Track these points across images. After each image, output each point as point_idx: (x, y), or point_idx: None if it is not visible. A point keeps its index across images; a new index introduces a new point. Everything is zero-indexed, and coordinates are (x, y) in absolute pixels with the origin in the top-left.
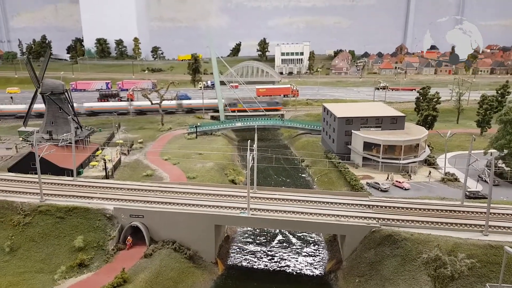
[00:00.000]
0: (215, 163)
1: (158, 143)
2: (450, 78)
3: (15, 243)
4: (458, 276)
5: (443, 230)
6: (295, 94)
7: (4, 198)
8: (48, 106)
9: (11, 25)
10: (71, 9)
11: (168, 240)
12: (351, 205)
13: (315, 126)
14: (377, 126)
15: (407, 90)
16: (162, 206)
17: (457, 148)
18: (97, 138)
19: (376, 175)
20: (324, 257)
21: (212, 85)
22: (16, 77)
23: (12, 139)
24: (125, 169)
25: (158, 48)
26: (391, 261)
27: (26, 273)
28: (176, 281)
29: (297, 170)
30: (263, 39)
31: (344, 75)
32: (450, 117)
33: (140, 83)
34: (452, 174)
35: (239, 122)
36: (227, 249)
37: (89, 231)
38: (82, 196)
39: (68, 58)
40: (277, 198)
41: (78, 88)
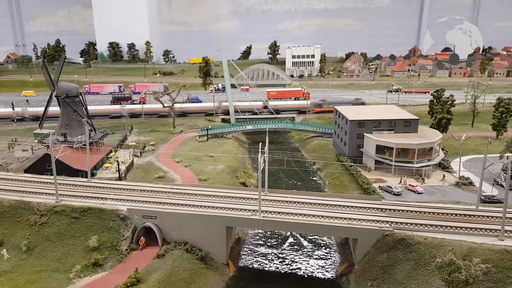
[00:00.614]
0: (226, 165)
1: (170, 145)
2: (465, 80)
3: (32, 242)
4: (472, 281)
5: (458, 235)
6: (306, 97)
7: (21, 198)
8: (62, 109)
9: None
10: (84, 14)
11: (180, 241)
12: (363, 208)
13: (326, 129)
14: (390, 129)
15: (420, 92)
16: (174, 207)
17: (472, 151)
18: (110, 140)
19: (388, 179)
20: (336, 260)
21: (223, 88)
22: (31, 80)
23: (28, 141)
24: (138, 171)
25: (169, 51)
26: (404, 265)
27: (42, 272)
28: (188, 281)
29: (308, 173)
30: (274, 42)
31: (356, 78)
32: (465, 120)
33: (152, 86)
34: (467, 178)
35: (250, 125)
36: (238, 251)
37: (103, 231)
38: (96, 197)
39: (82, 61)
40: (288, 201)
41: (91, 91)
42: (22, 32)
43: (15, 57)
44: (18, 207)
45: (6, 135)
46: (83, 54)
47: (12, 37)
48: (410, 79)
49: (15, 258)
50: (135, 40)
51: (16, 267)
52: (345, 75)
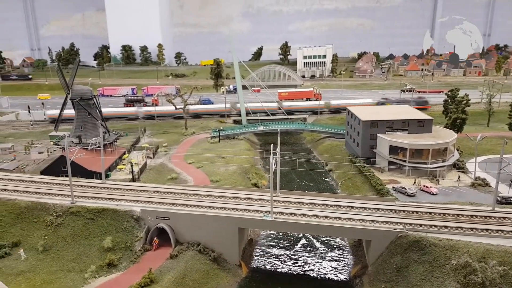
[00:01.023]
0: (238, 166)
1: (182, 147)
2: (480, 79)
3: (48, 242)
4: (489, 283)
5: (473, 236)
6: (317, 98)
7: (38, 199)
8: (77, 112)
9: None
10: (97, 17)
11: (193, 242)
12: (377, 209)
13: (338, 129)
14: (404, 129)
15: (434, 92)
16: (187, 208)
17: (488, 152)
18: (124, 142)
19: (402, 180)
20: (349, 262)
21: (234, 89)
22: (47, 83)
23: (43, 143)
24: (151, 172)
25: (181, 53)
26: (418, 267)
27: (58, 272)
28: (201, 282)
29: (321, 174)
30: (285, 43)
31: (368, 78)
32: (480, 120)
33: (164, 88)
34: (483, 179)
35: (261, 126)
36: (250, 252)
37: (117, 232)
38: (110, 198)
39: (95, 64)
40: (301, 202)
41: (105, 93)
42: (37, 36)
43: (31, 61)
44: (34, 208)
45: (23, 137)
46: (97, 57)
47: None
48: (423, 79)
49: (32, 258)
50: (148, 43)
51: (33, 267)
52: (357, 75)
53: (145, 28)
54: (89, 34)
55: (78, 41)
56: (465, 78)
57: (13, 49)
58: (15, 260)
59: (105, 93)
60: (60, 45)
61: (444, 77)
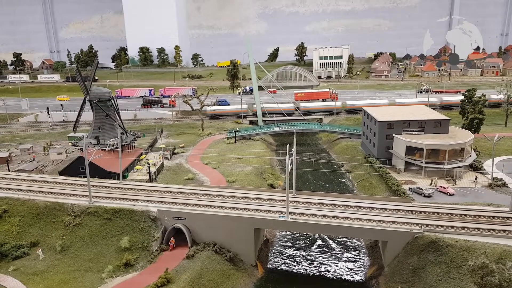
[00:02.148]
0: (254, 167)
1: (199, 147)
2: (497, 79)
3: (66, 242)
4: (506, 285)
5: (490, 237)
6: (334, 98)
7: (56, 200)
8: (95, 113)
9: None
10: (115, 20)
11: (209, 242)
12: (393, 210)
13: (354, 130)
14: (420, 130)
15: (451, 92)
16: (203, 208)
17: (506, 152)
18: (141, 143)
19: (419, 180)
20: (365, 263)
21: (251, 90)
22: (65, 85)
23: (62, 144)
24: (168, 173)
25: (198, 55)
26: (435, 268)
27: (76, 272)
28: (217, 282)
29: (337, 174)
30: (301, 44)
31: (384, 78)
32: (498, 120)
33: (181, 89)
34: (500, 180)
35: (277, 126)
36: (266, 253)
37: (134, 232)
38: (127, 198)
39: (113, 66)
40: (317, 203)
41: (123, 95)
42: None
43: (50, 63)
44: (53, 209)
45: (42, 138)
46: (115, 59)
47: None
48: (440, 79)
49: (50, 258)
50: (165, 45)
51: (51, 267)
52: (373, 76)
53: (163, 30)
54: (107, 36)
55: (96, 43)
56: (482, 78)
57: (33, 51)
58: (34, 260)
59: (123, 94)
60: (79, 47)
61: (461, 77)
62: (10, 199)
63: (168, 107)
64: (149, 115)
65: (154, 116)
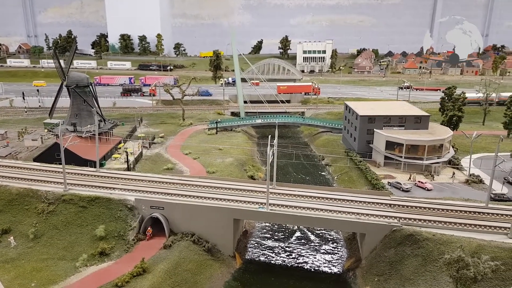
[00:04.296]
0: (235, 158)
1: (179, 137)
2: (476, 78)
3: (39, 230)
4: (481, 278)
5: (467, 232)
6: (316, 92)
7: (29, 186)
8: (73, 99)
9: (38, 20)
10: (96, 5)
11: (188, 232)
12: (372, 203)
13: (336, 124)
14: (400, 125)
15: (431, 90)
16: (182, 198)
17: (483, 149)
18: (120, 131)
19: (398, 175)
20: (343, 255)
21: (233, 82)
22: (43, 70)
23: (38, 131)
24: (147, 162)
25: (180, 44)
26: (411, 261)
27: (49, 260)
28: (194, 272)
29: (317, 168)
30: (285, 37)
31: (367, 74)
32: (476, 119)
33: (163, 78)
34: (477, 176)
35: (259, 118)
36: (245, 244)
37: (110, 221)
38: (104, 186)
39: (93, 53)
40: (296, 195)
41: (102, 82)
42: (34, 23)
43: (27, 48)
44: (26, 195)
45: (16, 124)
46: (94, 45)
47: (24, 27)
48: (421, 77)
49: (22, 246)
50: (147, 33)
51: (23, 255)
52: (356, 71)
53: (145, 18)
54: (87, 22)
55: (76, 29)
56: (462, 77)
57: (9, 35)
58: (5, 247)
59: (102, 81)
60: (57, 32)
61: (441, 76)
62: None
63: (148, 96)
64: (128, 103)
65: (134, 105)
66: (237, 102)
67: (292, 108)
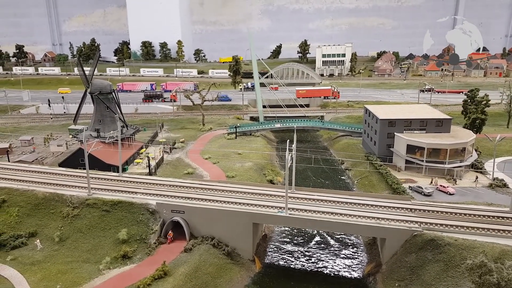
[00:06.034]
0: (254, 163)
1: (199, 142)
2: (500, 80)
3: (64, 233)
4: (505, 284)
5: (490, 237)
6: (335, 96)
7: (55, 191)
8: (96, 105)
9: (63, 29)
10: (118, 14)
11: (207, 236)
12: (392, 208)
13: (356, 128)
14: (422, 128)
15: (454, 92)
16: (202, 202)
17: (507, 153)
18: (141, 137)
19: (419, 179)
20: (363, 260)
21: (252, 86)
22: (67, 78)
23: (63, 136)
24: (167, 167)
25: (200, 50)
26: (433, 266)
27: (73, 262)
28: (214, 276)
29: (337, 172)
30: (304, 41)
31: (387, 77)
32: (500, 121)
33: (183, 84)
34: (501, 180)
35: (278, 123)
36: (264, 248)
37: (132, 225)
38: (126, 191)
39: (115, 60)
40: (316, 199)
41: (124, 89)
42: (59, 32)
43: (52, 56)
44: (52, 199)
45: (42, 130)
46: (117, 53)
47: (49, 36)
48: (443, 79)
49: (48, 249)
50: (167, 40)
51: (48, 257)
52: (376, 74)
53: (165, 25)
54: (110, 30)
55: (99, 37)
56: (486, 79)
57: (35, 44)
58: (31, 250)
59: (125, 88)
60: (81, 40)
61: (464, 78)
62: (9, 189)
63: (169, 101)
64: (150, 109)
65: (155, 110)
66: (256, 107)
67: (311, 112)
